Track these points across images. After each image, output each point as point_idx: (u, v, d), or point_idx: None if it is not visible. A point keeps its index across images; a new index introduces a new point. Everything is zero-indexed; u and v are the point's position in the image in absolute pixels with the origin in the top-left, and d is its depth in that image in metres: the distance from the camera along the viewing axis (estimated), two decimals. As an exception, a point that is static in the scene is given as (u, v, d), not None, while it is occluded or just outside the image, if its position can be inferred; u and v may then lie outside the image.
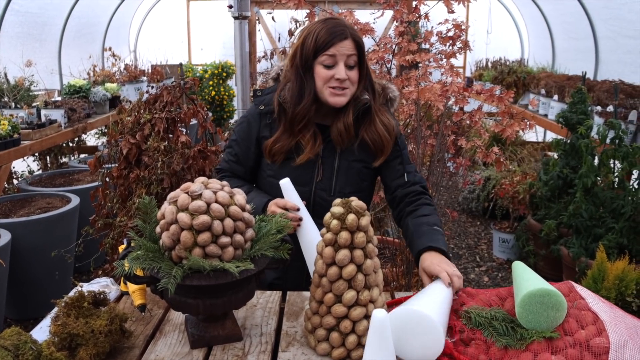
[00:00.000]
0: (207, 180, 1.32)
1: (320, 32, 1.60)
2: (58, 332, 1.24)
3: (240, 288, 1.31)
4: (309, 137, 1.68)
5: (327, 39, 1.59)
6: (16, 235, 3.21)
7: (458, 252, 4.87)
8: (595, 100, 5.01)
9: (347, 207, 1.27)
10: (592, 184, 3.46)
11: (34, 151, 4.36)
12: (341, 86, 1.62)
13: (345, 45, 1.60)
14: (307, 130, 1.68)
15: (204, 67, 8.65)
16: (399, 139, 1.76)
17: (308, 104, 1.64)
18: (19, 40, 5.64)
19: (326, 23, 1.62)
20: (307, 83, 1.64)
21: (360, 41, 1.63)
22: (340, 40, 1.59)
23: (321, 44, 1.60)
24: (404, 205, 1.74)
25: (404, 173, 1.75)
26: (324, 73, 1.62)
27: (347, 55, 1.60)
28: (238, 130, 1.82)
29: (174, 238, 1.25)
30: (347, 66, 1.62)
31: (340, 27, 1.61)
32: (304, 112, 1.65)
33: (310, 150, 1.68)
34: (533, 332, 1.22)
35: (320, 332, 1.31)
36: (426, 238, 1.57)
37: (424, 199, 1.73)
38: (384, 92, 1.79)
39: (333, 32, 1.59)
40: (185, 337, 1.40)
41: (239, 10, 3.32)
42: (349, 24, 1.66)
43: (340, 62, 1.60)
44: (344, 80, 1.61)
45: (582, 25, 6.48)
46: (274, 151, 1.70)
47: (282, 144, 1.69)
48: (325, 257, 1.27)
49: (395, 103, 1.82)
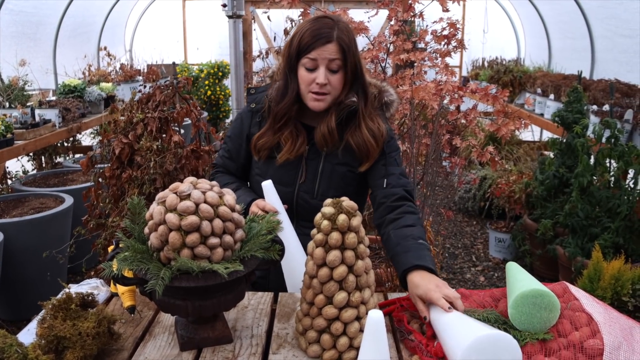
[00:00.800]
0: (196, 180, 1.30)
1: (304, 33, 1.57)
2: (44, 335, 1.22)
3: (230, 289, 1.29)
4: (287, 135, 1.67)
5: (309, 42, 1.55)
6: (9, 236, 3.19)
7: (454, 251, 4.86)
8: (591, 100, 5.00)
9: (338, 207, 1.25)
10: (588, 184, 3.45)
11: (28, 151, 4.33)
12: (321, 91, 1.59)
13: (327, 49, 1.55)
14: (286, 128, 1.66)
15: (199, 67, 8.62)
16: (385, 146, 1.70)
17: (289, 103, 1.63)
18: (13, 39, 5.61)
19: (313, 24, 1.58)
20: (291, 83, 1.63)
21: (347, 44, 1.57)
22: (323, 44, 1.55)
23: (303, 46, 1.57)
24: (385, 211, 1.63)
25: (386, 174, 1.67)
26: (305, 76, 1.59)
27: (328, 60, 1.56)
28: (232, 127, 1.84)
29: (162, 239, 1.23)
30: (330, 70, 1.58)
31: (326, 29, 1.56)
32: (283, 110, 1.64)
33: (288, 149, 1.66)
34: (526, 334, 1.20)
35: (311, 334, 1.29)
36: (412, 255, 1.44)
37: (407, 206, 1.62)
38: (380, 95, 1.75)
39: (317, 34, 1.55)
40: (175, 339, 1.39)
41: (233, 9, 3.31)
42: (342, 24, 1.60)
43: (321, 66, 1.57)
44: (323, 85, 1.57)
45: (578, 24, 6.48)
46: (258, 146, 1.70)
47: (265, 140, 1.69)
48: (316, 258, 1.25)
49: (392, 107, 1.77)
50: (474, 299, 1.41)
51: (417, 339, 1.29)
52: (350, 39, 1.59)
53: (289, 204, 1.71)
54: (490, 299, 1.40)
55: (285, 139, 1.67)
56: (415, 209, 1.64)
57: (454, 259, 4.69)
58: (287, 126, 1.67)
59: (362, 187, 1.79)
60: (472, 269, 4.51)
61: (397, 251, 1.50)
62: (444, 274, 4.38)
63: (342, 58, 1.57)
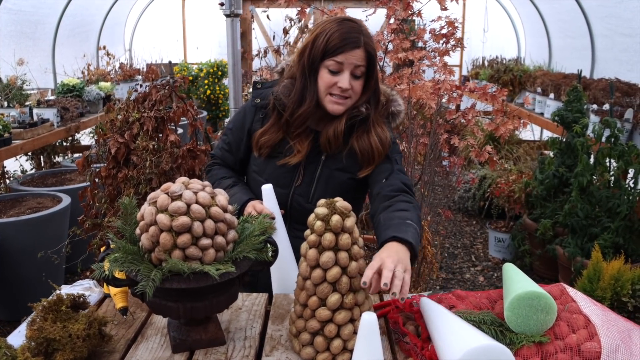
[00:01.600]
0: (188, 180, 1.28)
1: (333, 34, 1.51)
2: (34, 337, 1.21)
3: (222, 291, 1.27)
4: (300, 140, 1.63)
5: (338, 44, 1.50)
6: (5, 236, 3.17)
7: (454, 251, 4.84)
8: (591, 99, 4.98)
9: (332, 208, 1.23)
10: (587, 183, 3.43)
11: (26, 150, 4.32)
12: (343, 95, 1.55)
13: (355, 54, 1.51)
14: (305, 135, 1.63)
15: (199, 66, 8.61)
16: (389, 152, 1.67)
17: (311, 108, 1.59)
18: (12, 39, 5.59)
19: (341, 25, 1.52)
20: (310, 84, 1.58)
21: (373, 52, 1.54)
22: (352, 48, 1.50)
23: (331, 48, 1.51)
24: (380, 200, 1.57)
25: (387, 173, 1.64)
26: (327, 78, 1.55)
27: (355, 65, 1.52)
28: (234, 120, 1.80)
29: (153, 240, 1.21)
30: (353, 75, 1.54)
31: (355, 33, 1.51)
32: (304, 116, 1.60)
33: (298, 153, 1.63)
34: (522, 337, 1.18)
35: (305, 336, 1.27)
36: (393, 229, 1.37)
37: (403, 195, 1.57)
38: (387, 104, 1.71)
39: (346, 38, 1.50)
40: (168, 341, 1.37)
41: (230, 8, 3.28)
42: (365, 29, 1.56)
43: (346, 70, 1.52)
44: (346, 89, 1.54)
45: (579, 23, 6.45)
46: (260, 143, 1.67)
47: (269, 137, 1.65)
48: (309, 259, 1.23)
49: (398, 118, 1.74)
50: (470, 300, 1.39)
51: (412, 342, 1.27)
52: (374, 47, 1.56)
53: (284, 206, 1.68)
54: (487, 300, 1.39)
55: (299, 144, 1.63)
56: (411, 199, 1.58)
57: (454, 259, 4.67)
58: (306, 133, 1.63)
59: (358, 193, 1.76)
60: (471, 268, 4.49)
61: (381, 230, 1.43)
62: (443, 274, 4.37)
63: (366, 65, 1.54)
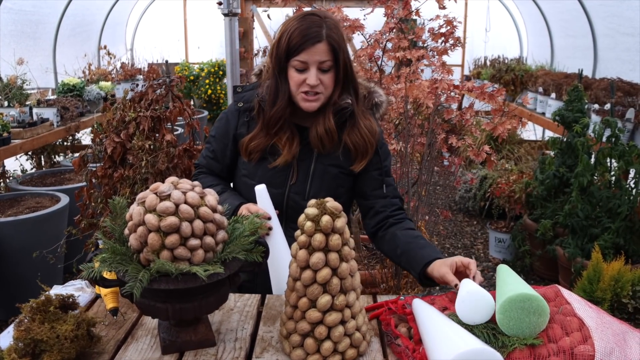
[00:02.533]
0: (177, 180, 1.27)
1: (293, 32, 1.51)
2: (21, 338, 1.20)
3: (211, 292, 1.26)
4: (285, 140, 1.62)
5: (299, 42, 1.50)
6: (3, 235, 3.17)
7: (454, 251, 4.82)
8: (593, 98, 4.95)
9: (322, 208, 1.22)
10: (588, 183, 3.41)
11: (25, 150, 4.32)
12: (313, 91, 1.55)
13: (318, 49, 1.50)
14: (283, 132, 1.62)
15: (200, 66, 8.60)
16: (380, 149, 1.69)
17: (282, 106, 1.59)
18: (12, 38, 5.60)
19: (301, 22, 1.52)
20: (281, 84, 1.58)
21: (337, 43, 1.52)
22: (313, 44, 1.49)
23: (293, 47, 1.51)
24: (385, 217, 1.69)
25: (383, 185, 1.70)
26: (296, 77, 1.54)
27: (319, 61, 1.52)
28: (217, 127, 1.78)
29: (141, 240, 1.20)
30: (321, 70, 1.53)
31: (316, 28, 1.50)
32: (278, 114, 1.59)
33: (287, 153, 1.62)
34: (514, 339, 1.16)
35: (295, 338, 1.26)
36: (430, 249, 1.55)
37: (404, 215, 1.72)
38: (370, 96, 1.72)
39: (306, 35, 1.49)
40: (158, 342, 1.36)
41: (228, 7, 3.27)
42: (330, 20, 1.54)
43: (312, 67, 1.52)
44: (315, 85, 1.53)
45: (581, 22, 6.42)
46: (249, 149, 1.65)
47: (258, 142, 1.64)
48: (299, 260, 1.22)
49: (381, 108, 1.75)
50: (463, 302, 1.37)
51: (404, 344, 1.26)
52: (339, 37, 1.54)
53: (279, 205, 1.67)
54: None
55: (283, 143, 1.63)
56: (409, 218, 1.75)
57: (454, 259, 4.65)
58: (283, 130, 1.62)
59: (352, 189, 1.76)
60: (471, 269, 4.46)
61: (413, 247, 1.58)
62: (443, 275, 4.34)
63: (332, 58, 1.53)
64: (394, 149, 2.44)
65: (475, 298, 1.22)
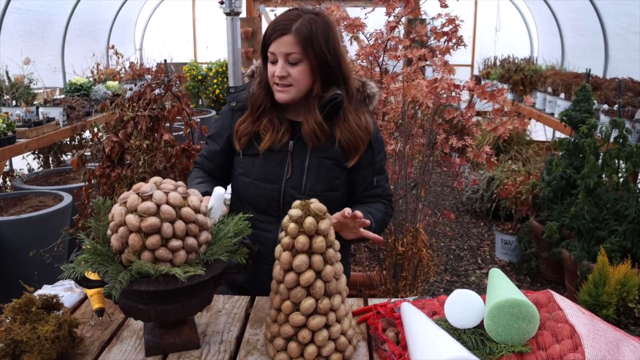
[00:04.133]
0: (160, 180, 1.25)
1: (269, 25, 1.56)
2: (1, 338, 1.19)
3: (193, 294, 1.24)
4: (266, 124, 1.64)
5: (269, 34, 1.55)
6: (5, 234, 3.18)
7: (459, 253, 4.77)
8: (602, 99, 4.87)
9: (306, 209, 1.19)
10: (595, 185, 3.34)
11: (30, 149, 4.34)
12: (282, 82, 1.56)
13: (283, 41, 1.52)
14: (264, 117, 1.64)
15: (208, 65, 8.61)
16: (374, 142, 1.68)
17: (262, 93, 1.63)
18: (20, 38, 5.63)
19: (281, 16, 1.56)
20: (263, 74, 1.63)
21: (306, 36, 1.52)
22: (279, 36, 1.52)
23: (266, 38, 1.56)
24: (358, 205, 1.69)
25: (374, 184, 1.71)
26: (269, 68, 1.58)
27: (285, 53, 1.53)
28: (213, 127, 1.80)
29: (122, 241, 1.18)
30: (288, 62, 1.54)
31: (287, 21, 1.53)
32: (259, 100, 1.63)
33: (269, 139, 1.63)
34: (502, 346, 1.13)
35: (279, 342, 1.23)
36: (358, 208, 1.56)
37: (381, 201, 1.72)
38: (363, 88, 1.72)
39: (275, 27, 1.54)
40: (142, 344, 1.34)
41: (230, 7, 3.26)
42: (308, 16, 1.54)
43: (279, 58, 1.54)
44: (282, 77, 1.55)
45: (591, 21, 6.33)
46: (239, 132, 1.67)
47: (245, 125, 1.66)
48: (283, 262, 1.19)
49: (374, 100, 1.74)
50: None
51: (390, 349, 1.23)
52: (314, 30, 1.53)
53: (275, 201, 1.66)
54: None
55: (264, 128, 1.65)
56: (387, 207, 1.74)
57: (459, 261, 4.60)
58: (265, 115, 1.65)
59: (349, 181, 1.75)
60: (477, 271, 4.41)
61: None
62: (448, 276, 4.30)
63: (300, 50, 1.53)
64: (393, 149, 2.40)
65: (464, 300, 1.19)
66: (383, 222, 1.71)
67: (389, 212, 1.75)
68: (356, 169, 1.68)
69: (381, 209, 1.71)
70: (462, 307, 1.19)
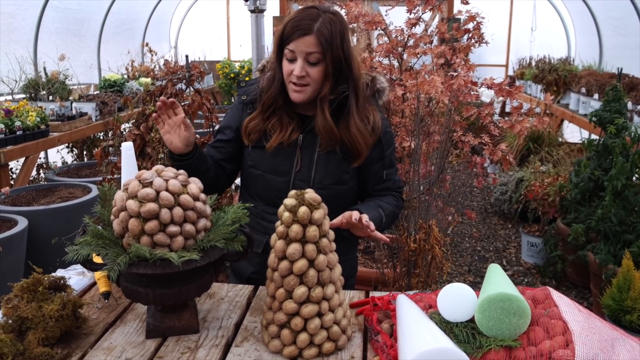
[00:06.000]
0: (162, 168, 1.29)
1: (289, 22, 1.54)
2: (9, 315, 1.24)
3: (191, 279, 1.27)
4: (275, 123, 1.65)
5: (289, 32, 1.53)
6: (34, 223, 3.30)
7: (484, 254, 4.70)
8: (638, 99, 4.73)
9: (300, 199, 1.21)
10: (622, 187, 3.25)
11: (63, 142, 4.49)
12: (299, 82, 1.56)
13: (305, 41, 1.51)
14: (274, 116, 1.65)
15: (241, 63, 8.72)
16: (383, 137, 1.68)
17: (275, 93, 1.62)
18: (58, 35, 5.84)
19: (299, 13, 1.55)
20: (277, 71, 1.62)
21: (327, 38, 1.52)
22: (300, 36, 1.51)
23: (285, 37, 1.55)
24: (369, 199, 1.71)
25: (384, 177, 1.72)
26: (286, 66, 1.57)
27: (305, 53, 1.53)
28: (224, 120, 1.83)
29: (123, 225, 1.22)
30: (308, 62, 1.54)
31: (307, 21, 1.52)
32: (270, 100, 1.63)
33: (277, 137, 1.64)
34: (492, 340, 1.12)
35: (273, 329, 1.25)
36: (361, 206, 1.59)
37: (392, 194, 1.74)
38: (372, 82, 1.72)
39: (297, 26, 1.52)
40: (144, 327, 1.38)
41: (255, 4, 3.30)
42: (327, 16, 1.54)
43: (299, 58, 1.54)
44: (300, 77, 1.55)
45: (631, 20, 6.14)
46: (248, 129, 1.69)
47: (255, 123, 1.68)
48: (277, 250, 1.21)
49: (383, 94, 1.75)
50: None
51: (383, 340, 1.23)
52: (333, 31, 1.53)
53: (284, 193, 1.68)
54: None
55: (273, 126, 1.66)
56: (396, 199, 1.75)
57: (483, 262, 4.54)
58: (275, 114, 1.66)
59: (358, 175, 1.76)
60: (501, 273, 4.34)
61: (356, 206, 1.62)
62: (471, 277, 4.24)
63: (320, 51, 1.53)
64: (409, 145, 2.40)
65: (457, 293, 1.19)
66: (394, 214, 1.72)
67: (399, 204, 1.77)
68: (366, 164, 1.69)
69: (392, 202, 1.72)
70: (455, 301, 1.19)
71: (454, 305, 1.19)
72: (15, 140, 3.81)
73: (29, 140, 3.93)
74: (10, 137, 3.77)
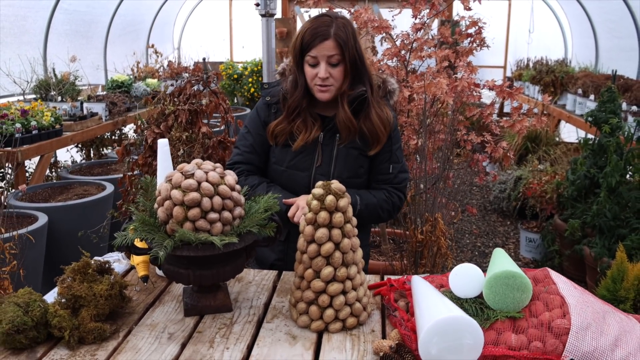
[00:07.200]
0: (201, 161, 1.43)
1: (306, 32, 1.71)
2: (64, 293, 1.38)
3: (227, 262, 1.41)
4: (300, 125, 1.80)
5: (309, 41, 1.69)
6: (53, 219, 3.43)
7: (484, 250, 4.85)
8: (632, 100, 4.89)
9: (327, 188, 1.35)
10: (617, 184, 3.40)
11: (75, 141, 4.62)
12: (324, 84, 1.72)
13: (326, 46, 1.68)
14: (299, 118, 1.80)
15: (244, 65, 8.85)
16: (392, 133, 1.83)
17: (300, 96, 1.78)
18: (67, 37, 5.97)
19: (313, 23, 1.71)
20: (299, 77, 1.77)
21: (344, 40, 1.69)
22: (321, 41, 1.68)
23: (305, 45, 1.71)
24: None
25: (389, 171, 1.86)
26: (309, 71, 1.74)
27: (327, 56, 1.69)
28: (249, 122, 1.95)
29: (167, 213, 1.36)
30: (330, 64, 1.70)
31: (324, 27, 1.69)
32: (295, 103, 1.79)
33: (303, 137, 1.79)
34: (498, 313, 1.27)
35: (301, 306, 1.40)
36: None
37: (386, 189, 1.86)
38: (384, 85, 1.88)
39: (315, 33, 1.69)
40: (182, 306, 1.52)
41: (265, 8, 3.44)
42: (340, 20, 1.71)
43: (322, 62, 1.70)
44: (325, 78, 1.71)
45: (626, 23, 6.30)
46: (275, 132, 1.83)
47: (283, 126, 1.82)
48: (306, 234, 1.36)
49: (394, 95, 1.90)
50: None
51: (400, 315, 1.38)
52: (347, 34, 1.70)
53: (306, 187, 1.82)
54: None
55: (298, 128, 1.81)
56: (390, 194, 1.86)
57: (484, 257, 4.69)
58: (300, 116, 1.81)
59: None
60: (500, 268, 4.49)
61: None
62: (472, 272, 4.39)
63: (340, 52, 1.70)
64: (415, 144, 2.54)
65: (466, 273, 1.33)
66: (377, 207, 1.84)
67: (391, 200, 1.87)
68: (375, 157, 1.85)
69: (379, 196, 1.85)
70: (465, 280, 1.33)
71: (464, 283, 1.33)
72: (31, 139, 3.95)
73: (44, 139, 4.06)
74: (26, 137, 3.90)
